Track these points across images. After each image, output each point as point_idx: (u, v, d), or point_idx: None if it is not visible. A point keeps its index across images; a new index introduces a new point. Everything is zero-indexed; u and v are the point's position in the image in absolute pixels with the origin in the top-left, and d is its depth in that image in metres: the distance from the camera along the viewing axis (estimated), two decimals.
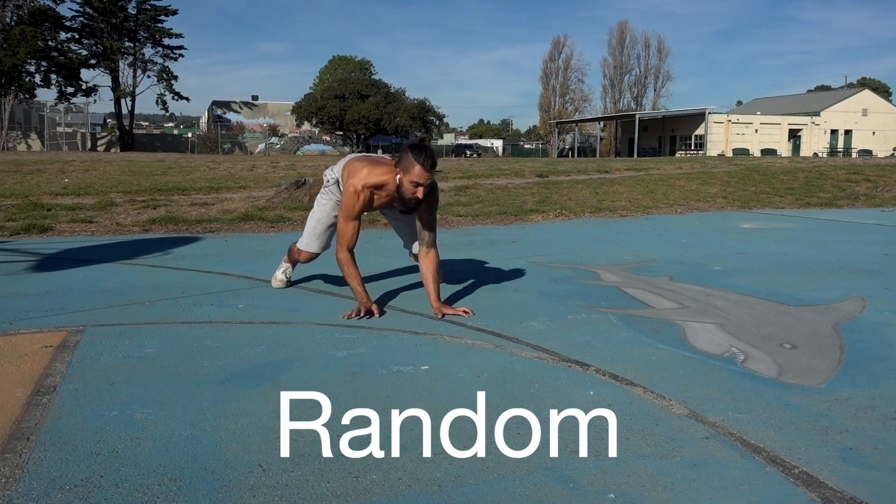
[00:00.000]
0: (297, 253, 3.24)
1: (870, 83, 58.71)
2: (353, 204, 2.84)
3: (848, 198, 9.13)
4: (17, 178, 11.04)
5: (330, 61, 54.80)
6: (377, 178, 2.83)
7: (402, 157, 2.77)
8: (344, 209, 2.88)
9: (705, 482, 1.47)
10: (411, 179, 2.73)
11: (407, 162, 2.74)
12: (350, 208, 2.85)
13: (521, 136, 79.30)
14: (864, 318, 2.86)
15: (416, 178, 2.72)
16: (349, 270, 2.87)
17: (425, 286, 2.93)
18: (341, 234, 2.88)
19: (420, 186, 2.74)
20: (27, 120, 41.34)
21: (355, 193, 2.83)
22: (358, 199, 2.83)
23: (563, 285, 3.52)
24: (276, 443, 1.60)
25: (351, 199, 2.84)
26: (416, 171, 2.71)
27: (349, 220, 2.86)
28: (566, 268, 4.04)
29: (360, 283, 2.87)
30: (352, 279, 2.86)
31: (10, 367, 2.14)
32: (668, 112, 45.15)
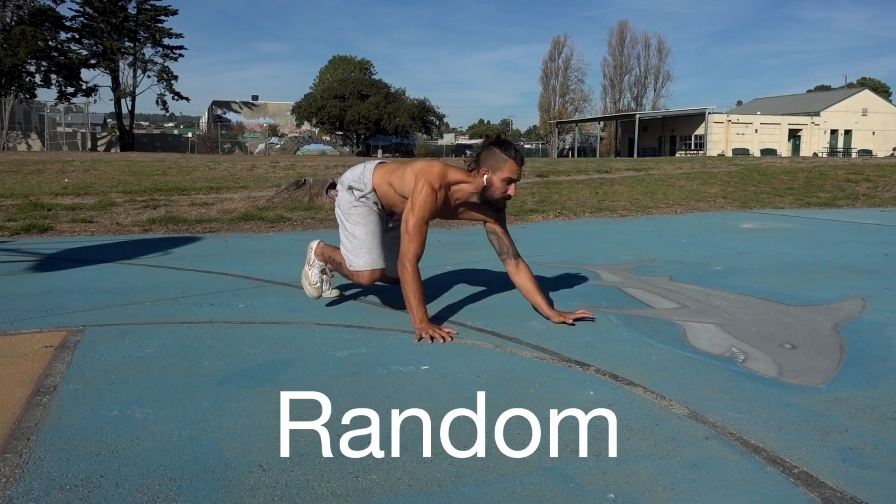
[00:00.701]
0: (359, 276, 2.80)
1: (870, 83, 58.72)
2: (430, 204, 2.54)
3: (848, 198, 9.13)
4: (18, 178, 11.04)
5: (330, 61, 54.83)
6: (455, 175, 2.62)
7: (487, 155, 2.59)
8: (418, 210, 2.52)
9: (705, 482, 1.47)
10: (504, 177, 2.57)
11: (495, 159, 2.57)
12: (426, 209, 2.54)
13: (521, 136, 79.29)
14: (864, 318, 2.86)
15: (509, 174, 2.57)
16: (417, 285, 2.52)
17: (532, 300, 2.73)
18: (413, 241, 2.53)
19: (513, 183, 2.60)
20: (27, 120, 41.34)
21: (433, 192, 2.54)
22: (436, 199, 2.56)
23: (563, 285, 3.52)
24: (276, 443, 1.60)
25: (429, 197, 2.53)
26: (509, 167, 2.57)
27: (424, 223, 2.54)
28: (566, 268, 4.04)
29: (422, 301, 2.55)
30: (416, 296, 2.53)
31: (10, 367, 2.14)
32: (668, 112, 45.16)
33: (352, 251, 2.78)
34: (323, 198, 7.35)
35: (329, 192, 8.04)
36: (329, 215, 6.54)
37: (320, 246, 3.00)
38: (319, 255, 2.98)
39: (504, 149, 2.58)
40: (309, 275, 3.00)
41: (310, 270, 3.00)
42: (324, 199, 7.33)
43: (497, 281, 3.60)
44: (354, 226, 2.78)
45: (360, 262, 2.77)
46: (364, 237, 2.77)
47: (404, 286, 2.54)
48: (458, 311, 2.90)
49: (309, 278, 3.00)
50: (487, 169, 2.59)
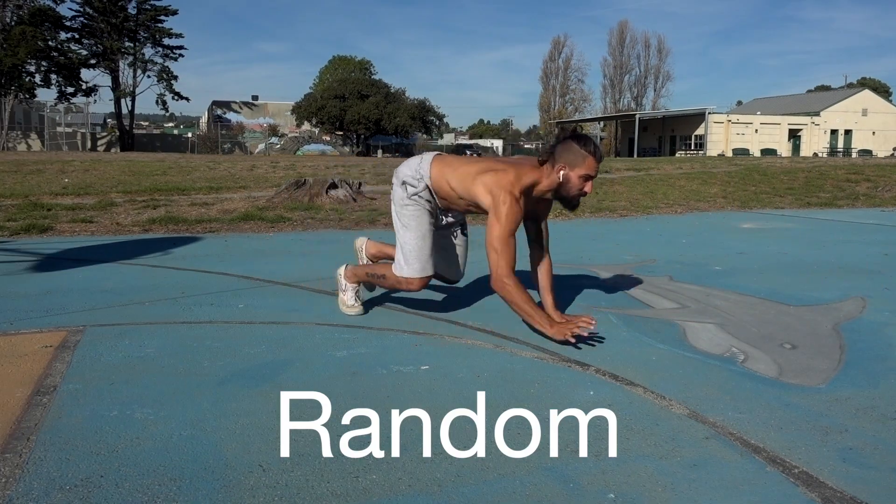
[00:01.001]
0: (409, 283, 2.66)
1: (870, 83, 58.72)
2: (516, 215, 2.43)
3: (848, 198, 9.13)
4: (18, 178, 11.04)
5: (330, 61, 54.83)
6: (530, 177, 2.49)
7: (564, 150, 2.45)
8: (505, 223, 2.41)
9: (705, 482, 1.47)
10: (582, 173, 2.44)
11: (573, 154, 2.43)
12: (512, 221, 2.42)
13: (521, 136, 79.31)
14: (864, 318, 2.86)
15: (588, 170, 2.43)
16: (523, 294, 2.42)
17: (542, 297, 2.66)
18: (503, 255, 2.41)
19: (591, 180, 2.47)
20: (27, 120, 41.36)
21: (516, 202, 2.42)
22: (520, 209, 2.44)
23: (563, 285, 3.52)
24: (276, 443, 1.60)
25: (513, 208, 2.41)
26: (589, 163, 2.43)
27: (511, 235, 2.43)
28: (566, 268, 4.04)
29: (537, 308, 2.46)
30: (528, 303, 2.42)
31: (10, 367, 2.14)
32: (668, 112, 45.17)
33: (402, 257, 2.66)
34: (323, 198, 7.35)
35: (329, 192, 7.96)
36: (329, 216, 6.54)
37: (349, 270, 2.88)
38: (351, 277, 2.86)
39: (583, 143, 2.45)
40: (345, 300, 2.87)
41: (344, 296, 2.88)
42: (324, 199, 7.33)
43: None
44: (405, 229, 2.66)
45: (409, 270, 2.64)
46: (413, 242, 2.63)
47: (514, 303, 2.43)
48: (459, 311, 2.90)
49: (346, 303, 2.86)
50: (564, 165, 2.45)
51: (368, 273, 2.83)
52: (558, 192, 2.51)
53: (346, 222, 6.23)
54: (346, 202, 7.36)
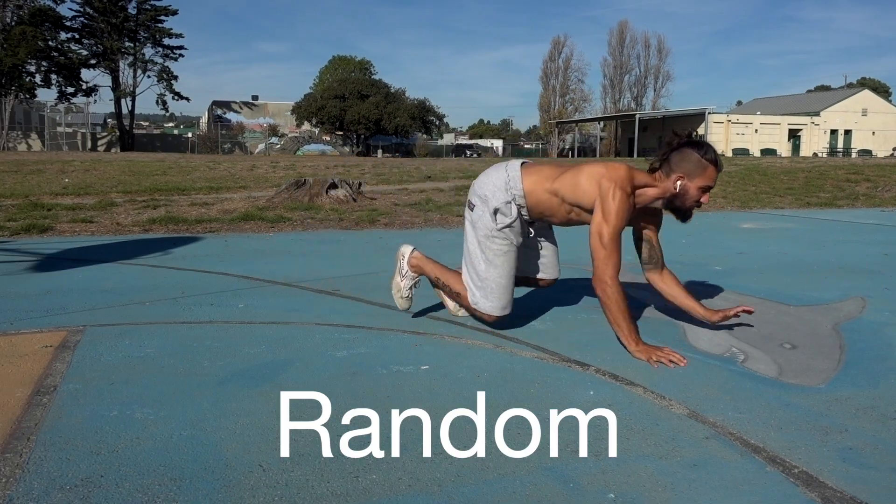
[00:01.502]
0: (481, 314, 2.53)
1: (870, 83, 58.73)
2: (626, 211, 2.26)
3: (848, 198, 9.13)
4: (18, 178, 11.04)
5: (330, 61, 54.86)
6: (642, 178, 2.33)
7: (681, 158, 2.29)
8: (615, 219, 2.24)
9: (705, 482, 1.47)
10: (702, 185, 2.28)
11: (692, 164, 2.27)
12: (622, 217, 2.25)
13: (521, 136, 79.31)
14: (864, 318, 2.86)
15: (708, 181, 2.28)
16: (622, 305, 2.25)
17: (683, 305, 2.52)
18: (612, 256, 2.24)
19: (708, 192, 2.31)
20: (27, 120, 41.37)
21: (627, 197, 2.26)
22: (630, 205, 2.28)
23: (563, 285, 3.52)
24: (276, 443, 1.60)
25: (624, 204, 2.25)
26: (710, 173, 2.27)
27: (619, 233, 2.26)
28: (566, 268, 4.03)
29: (631, 322, 2.29)
30: (624, 316, 2.25)
31: (10, 367, 2.14)
32: (668, 112, 45.17)
33: (480, 289, 2.49)
34: (323, 198, 7.35)
35: (329, 192, 7.97)
36: (329, 216, 6.54)
37: (416, 257, 2.67)
38: (416, 267, 2.66)
39: (703, 152, 2.27)
40: (401, 286, 2.67)
41: (402, 281, 2.67)
42: (324, 199, 7.33)
43: None
44: (488, 265, 2.45)
45: (489, 306, 2.48)
46: (498, 281, 2.46)
47: (609, 308, 2.26)
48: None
49: (401, 290, 2.68)
50: (683, 175, 2.29)
51: (439, 278, 2.65)
52: (671, 203, 2.36)
53: (346, 222, 6.23)
54: (346, 202, 7.36)
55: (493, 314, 2.50)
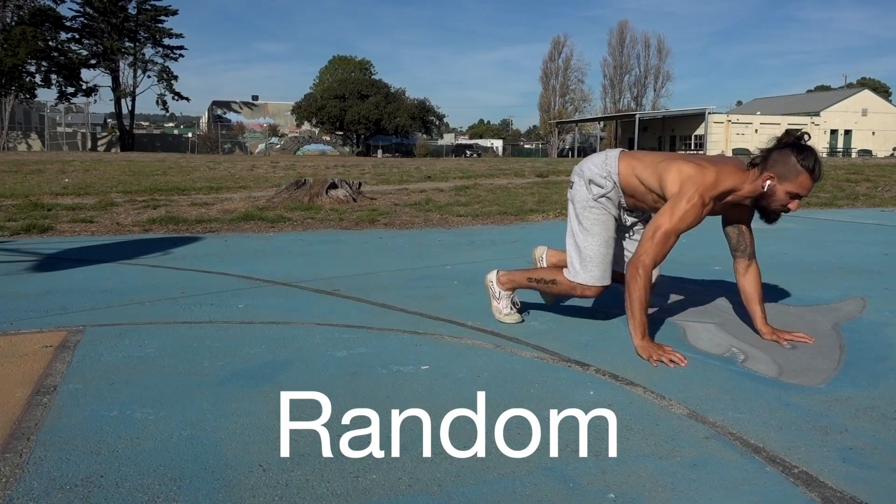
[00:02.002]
0: (585, 289, 2.50)
1: (870, 83, 58.73)
2: (693, 218, 2.25)
3: (848, 198, 9.13)
4: (18, 178, 11.04)
5: (330, 61, 54.88)
6: (731, 182, 2.28)
7: (778, 159, 2.21)
8: (677, 220, 2.24)
9: (705, 482, 1.47)
10: (791, 190, 2.20)
11: (787, 167, 2.18)
12: (686, 222, 2.25)
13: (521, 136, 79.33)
14: (864, 318, 2.86)
15: (799, 188, 2.19)
16: (645, 293, 2.27)
17: (749, 307, 2.49)
18: (657, 248, 2.26)
19: (798, 199, 2.22)
20: (27, 120, 41.39)
21: (703, 205, 2.24)
22: (701, 214, 2.26)
23: None
24: (276, 443, 1.60)
25: (696, 211, 2.23)
26: (803, 181, 2.18)
27: (678, 233, 2.27)
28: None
29: (645, 314, 2.30)
30: (641, 307, 2.28)
31: (11, 367, 2.14)
32: (668, 112, 45.20)
33: (579, 261, 2.48)
34: (323, 198, 7.35)
35: (329, 192, 7.97)
36: (329, 216, 6.54)
37: (503, 274, 2.72)
38: (506, 283, 2.70)
39: (802, 157, 2.17)
40: (500, 308, 2.71)
41: (498, 304, 2.71)
42: (324, 199, 7.33)
43: None
44: (588, 234, 2.47)
45: (586, 276, 2.46)
46: (596, 249, 2.46)
47: (631, 293, 2.27)
48: (458, 311, 2.90)
49: (501, 311, 2.71)
50: (774, 175, 2.22)
51: (531, 278, 2.64)
52: (758, 202, 2.31)
53: (346, 222, 6.23)
54: (346, 202, 7.36)
55: (590, 283, 2.47)
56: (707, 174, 2.27)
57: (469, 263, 4.16)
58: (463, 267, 4.03)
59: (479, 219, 6.67)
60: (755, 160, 2.30)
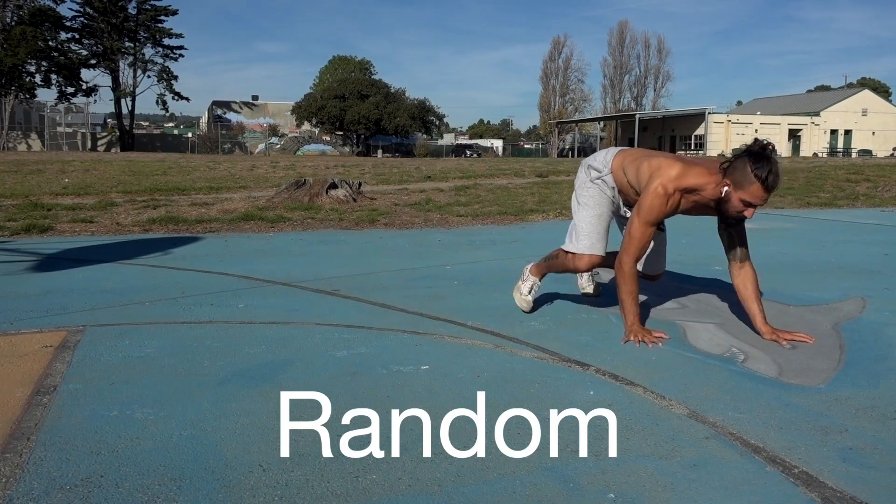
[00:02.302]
0: (576, 259, 2.67)
1: (870, 83, 58.72)
2: (659, 208, 2.39)
3: (848, 198, 9.13)
4: (18, 178, 11.04)
5: (330, 61, 54.87)
6: (694, 180, 2.39)
7: (737, 165, 2.28)
8: (645, 212, 2.40)
9: (705, 482, 1.47)
10: (744, 198, 2.27)
11: (743, 174, 2.25)
12: (654, 212, 2.40)
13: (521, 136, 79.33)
14: (864, 318, 2.86)
15: (751, 197, 2.26)
16: (632, 285, 2.43)
17: (746, 307, 2.55)
18: (635, 240, 2.44)
19: (753, 208, 2.29)
20: (27, 120, 41.39)
21: (665, 196, 2.38)
22: (666, 203, 2.39)
23: (563, 285, 3.52)
24: (276, 443, 1.60)
25: (658, 200, 2.38)
26: (754, 190, 2.24)
27: (648, 224, 2.42)
28: None
29: (636, 302, 2.46)
30: (630, 296, 2.45)
31: (11, 367, 2.14)
32: (668, 112, 45.21)
33: (574, 234, 2.69)
34: (323, 198, 7.35)
35: (329, 192, 7.96)
36: (329, 216, 6.54)
37: (534, 265, 2.94)
38: (535, 271, 2.90)
39: (759, 167, 2.23)
40: (521, 288, 2.91)
41: (522, 285, 2.92)
42: (324, 199, 7.33)
43: (497, 280, 3.60)
44: (581, 207, 2.69)
45: (577, 246, 2.66)
46: (587, 219, 2.66)
47: (619, 287, 2.48)
48: (459, 311, 2.90)
49: (521, 292, 2.90)
50: (731, 182, 2.30)
51: (548, 262, 2.85)
52: (718, 205, 2.40)
53: (346, 222, 6.23)
54: (346, 202, 7.36)
55: (578, 251, 2.64)
56: (673, 168, 2.41)
57: (469, 263, 4.16)
58: (463, 267, 4.03)
59: (479, 219, 6.67)
60: (724, 164, 2.36)
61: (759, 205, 2.30)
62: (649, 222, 2.42)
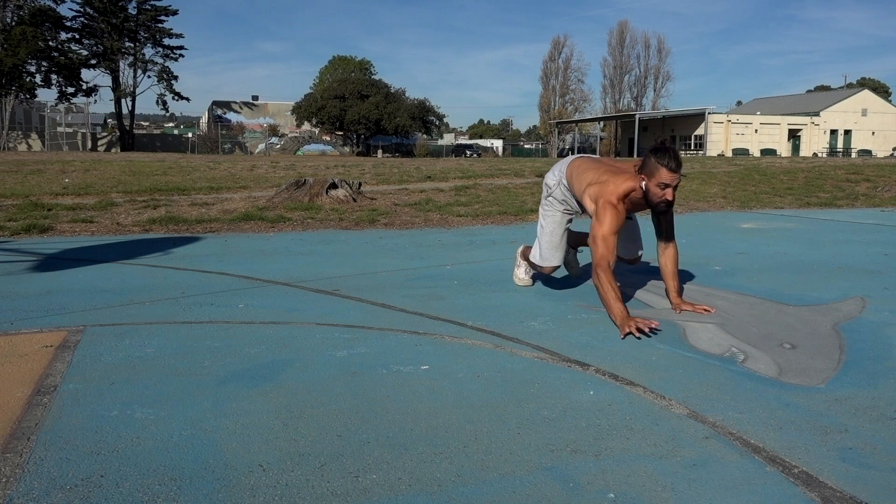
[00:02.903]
0: (537, 267, 3.25)
1: (870, 83, 58.74)
2: (614, 219, 2.78)
3: (848, 198, 9.13)
4: (18, 178, 11.04)
5: (330, 61, 54.88)
6: (625, 186, 2.81)
7: (645, 162, 2.77)
8: (606, 225, 2.77)
9: (705, 482, 1.47)
10: (658, 182, 2.73)
11: (651, 166, 2.73)
12: (613, 223, 2.78)
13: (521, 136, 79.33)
14: (863, 318, 2.86)
15: (663, 179, 2.72)
16: (609, 287, 2.70)
17: (665, 281, 3.01)
18: (599, 250, 2.75)
19: (668, 188, 2.73)
20: (28, 120, 41.39)
21: (614, 209, 2.79)
22: (618, 214, 2.79)
23: (563, 285, 3.52)
24: (276, 443, 1.60)
25: (611, 213, 2.78)
26: (663, 174, 2.71)
27: (611, 234, 2.77)
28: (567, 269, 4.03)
29: (619, 299, 2.68)
30: (611, 295, 2.68)
31: (11, 367, 2.14)
32: (668, 112, 45.19)
33: (537, 245, 3.27)
34: (323, 198, 7.35)
35: (329, 192, 7.95)
36: (329, 216, 6.54)
37: (522, 249, 3.49)
38: (522, 255, 3.47)
39: (659, 156, 2.72)
40: (518, 274, 3.52)
41: (517, 270, 3.53)
42: (324, 199, 7.33)
43: (497, 280, 3.60)
44: (540, 222, 3.25)
45: (536, 255, 3.24)
46: (542, 235, 3.23)
47: (599, 290, 2.74)
48: (459, 311, 2.91)
49: (518, 276, 3.52)
50: (644, 175, 2.76)
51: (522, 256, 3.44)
52: (645, 199, 2.79)
53: (346, 222, 6.23)
54: (346, 202, 7.36)
55: (537, 262, 3.25)
56: (607, 186, 2.84)
57: (469, 263, 4.16)
58: (463, 267, 4.03)
59: (479, 219, 6.67)
60: (636, 166, 2.85)
61: (672, 184, 2.72)
62: (612, 230, 2.77)
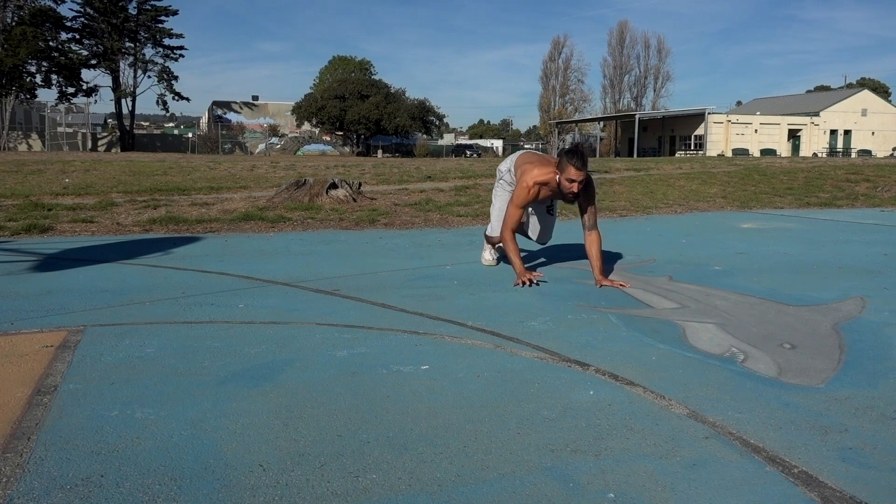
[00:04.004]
0: (491, 240, 3.98)
1: (869, 83, 58.73)
2: (524, 196, 3.51)
3: (847, 198, 9.13)
4: (18, 178, 11.04)
5: (330, 61, 54.86)
6: (544, 176, 3.48)
7: (560, 160, 3.43)
8: (515, 199, 3.54)
9: (705, 482, 1.47)
10: (567, 177, 3.39)
11: (563, 164, 3.40)
12: (521, 199, 3.52)
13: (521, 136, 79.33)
14: (863, 318, 2.86)
15: (570, 175, 3.37)
16: (512, 247, 3.53)
17: (590, 261, 3.55)
18: (509, 218, 3.55)
19: (574, 182, 3.38)
20: (28, 120, 41.39)
21: (527, 188, 3.49)
22: (528, 194, 3.50)
23: (563, 285, 3.52)
24: (276, 443, 1.60)
25: (523, 192, 3.50)
26: (571, 171, 3.36)
27: (517, 208, 3.55)
28: (566, 267, 4.04)
29: (518, 256, 3.53)
30: (513, 254, 3.52)
31: (11, 367, 2.14)
32: (667, 112, 45.16)
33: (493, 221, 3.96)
34: (323, 198, 7.35)
35: (329, 192, 7.95)
36: (329, 216, 6.54)
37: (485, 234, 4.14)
38: (487, 238, 4.09)
39: (569, 157, 3.40)
40: (483, 255, 4.14)
41: (485, 252, 4.14)
42: (324, 199, 7.32)
43: (497, 280, 3.60)
44: (493, 201, 3.98)
45: (488, 230, 4.03)
46: (493, 212, 3.95)
47: (506, 251, 3.60)
48: (459, 311, 2.91)
49: (484, 257, 4.13)
50: (559, 171, 3.44)
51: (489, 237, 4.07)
52: (559, 189, 3.48)
53: (347, 222, 6.23)
54: (346, 202, 7.36)
55: (489, 234, 4.03)
56: (532, 170, 3.53)
57: (469, 263, 4.16)
58: (463, 267, 4.03)
59: (479, 219, 6.67)
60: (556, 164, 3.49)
61: (577, 179, 3.37)
62: (518, 206, 3.54)
